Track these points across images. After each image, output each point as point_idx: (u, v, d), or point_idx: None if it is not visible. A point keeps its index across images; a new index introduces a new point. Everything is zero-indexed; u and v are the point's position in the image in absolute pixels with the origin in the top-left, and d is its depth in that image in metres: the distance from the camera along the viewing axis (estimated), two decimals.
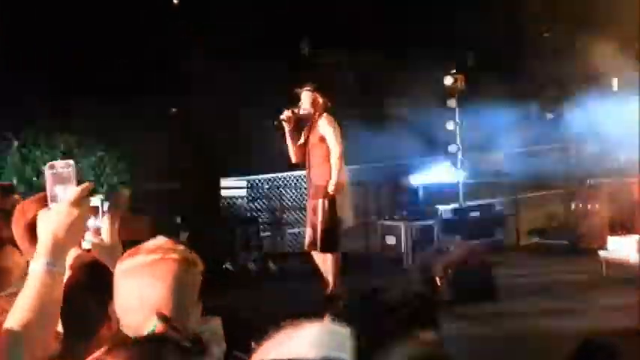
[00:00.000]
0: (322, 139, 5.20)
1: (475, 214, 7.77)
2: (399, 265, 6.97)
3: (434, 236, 7.22)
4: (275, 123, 5.20)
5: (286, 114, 5.14)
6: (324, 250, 5.18)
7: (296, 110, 5.20)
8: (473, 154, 8.51)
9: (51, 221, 1.16)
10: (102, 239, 1.33)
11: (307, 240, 5.41)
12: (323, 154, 5.21)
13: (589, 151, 8.59)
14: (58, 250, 1.16)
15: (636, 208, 6.22)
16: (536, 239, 7.88)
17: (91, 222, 1.28)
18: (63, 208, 1.17)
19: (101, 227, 1.32)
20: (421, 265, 5.97)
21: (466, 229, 7.34)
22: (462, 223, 7.50)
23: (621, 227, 6.49)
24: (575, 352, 2.47)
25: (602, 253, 6.11)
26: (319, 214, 5.14)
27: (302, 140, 5.31)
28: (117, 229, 1.35)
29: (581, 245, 7.07)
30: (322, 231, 5.11)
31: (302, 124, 5.37)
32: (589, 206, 7.49)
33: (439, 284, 5.51)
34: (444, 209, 7.71)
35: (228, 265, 6.84)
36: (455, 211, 7.77)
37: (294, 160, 5.47)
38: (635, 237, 5.91)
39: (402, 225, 7.23)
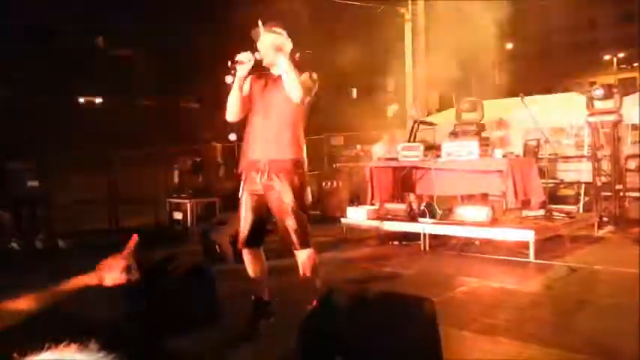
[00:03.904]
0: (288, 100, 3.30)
1: None
2: (185, 237, 7.15)
3: (216, 211, 7.51)
4: (230, 63, 3.29)
5: (246, 56, 3.26)
6: (302, 246, 3.37)
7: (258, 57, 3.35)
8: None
9: None
10: None
11: (246, 233, 3.41)
12: (291, 119, 3.35)
13: (334, 143, 10.25)
14: None
15: (366, 186, 7.12)
16: None
17: None
18: None
19: None
20: (204, 235, 6.13)
21: None
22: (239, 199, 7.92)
23: (356, 200, 7.48)
24: (323, 294, 2.74)
25: (343, 220, 6.93)
26: (287, 198, 3.29)
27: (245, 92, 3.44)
28: None
29: (329, 214, 8.08)
30: (296, 221, 3.29)
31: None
32: (334, 185, 8.89)
33: (219, 251, 5.74)
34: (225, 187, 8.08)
35: (13, 245, 6.38)
36: (232, 189, 8.20)
37: (234, 117, 3.49)
38: (365, 207, 6.87)
39: (188, 202, 7.45)
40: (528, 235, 5.42)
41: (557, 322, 3.62)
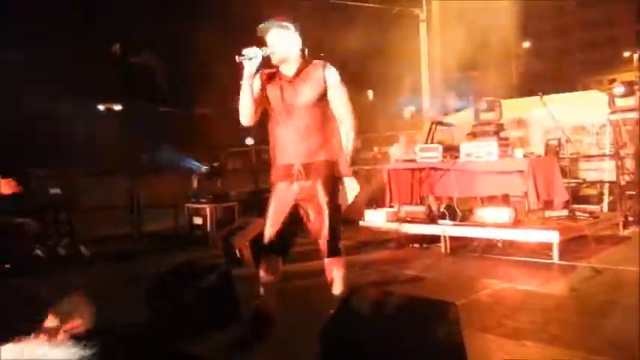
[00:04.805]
0: (322, 97, 3.22)
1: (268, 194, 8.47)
2: (205, 242, 7.21)
3: (235, 215, 7.54)
4: (237, 58, 3.14)
5: (254, 51, 3.16)
6: (332, 253, 3.26)
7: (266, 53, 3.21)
8: None
9: None
10: None
11: (269, 240, 3.31)
12: (319, 119, 3.24)
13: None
14: None
15: (385, 188, 7.04)
16: None
17: None
18: None
19: None
20: (224, 240, 6.14)
21: (261, 207, 7.77)
22: (257, 203, 7.91)
23: (374, 203, 7.30)
24: (344, 298, 2.73)
25: (361, 223, 6.91)
26: (321, 203, 3.18)
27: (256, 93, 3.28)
28: None
29: (348, 217, 7.98)
30: (330, 227, 3.16)
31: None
32: None
33: (239, 256, 5.76)
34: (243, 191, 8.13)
35: (38, 252, 6.46)
36: (250, 193, 8.23)
37: (248, 121, 3.31)
38: (383, 210, 6.82)
39: (207, 207, 7.48)
40: (552, 236, 5.34)
41: (583, 324, 3.56)
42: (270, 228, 3.33)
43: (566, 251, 5.39)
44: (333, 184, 3.26)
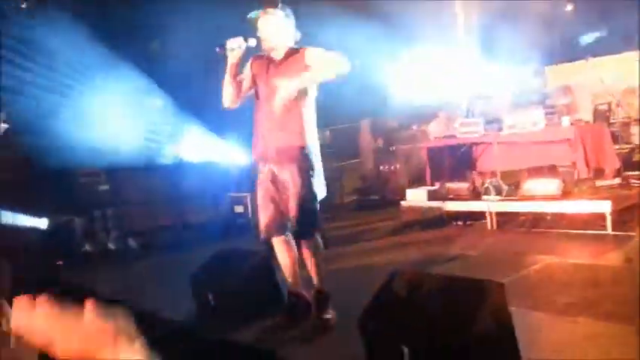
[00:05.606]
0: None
1: None
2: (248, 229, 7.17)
3: None
4: (218, 49, 3.19)
5: (237, 42, 3.18)
6: (302, 235, 3.33)
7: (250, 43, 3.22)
8: None
9: None
10: None
11: (266, 223, 3.30)
12: (298, 105, 3.24)
13: (389, 125, 9.51)
14: None
15: (425, 166, 6.93)
16: (355, 197, 8.90)
17: None
18: None
19: None
20: None
21: None
22: None
23: (415, 182, 7.23)
24: (386, 280, 2.69)
25: (403, 202, 6.73)
26: (291, 185, 3.22)
27: (245, 83, 3.43)
28: None
29: (389, 197, 7.89)
30: (299, 209, 3.19)
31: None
32: (392, 168, 8.69)
33: None
34: None
35: (87, 247, 6.65)
36: None
37: (230, 103, 3.41)
38: (425, 188, 6.66)
39: (247, 195, 7.52)
40: (604, 206, 5.09)
41: None
42: (262, 212, 3.37)
43: (620, 221, 5.12)
44: (306, 169, 3.28)
